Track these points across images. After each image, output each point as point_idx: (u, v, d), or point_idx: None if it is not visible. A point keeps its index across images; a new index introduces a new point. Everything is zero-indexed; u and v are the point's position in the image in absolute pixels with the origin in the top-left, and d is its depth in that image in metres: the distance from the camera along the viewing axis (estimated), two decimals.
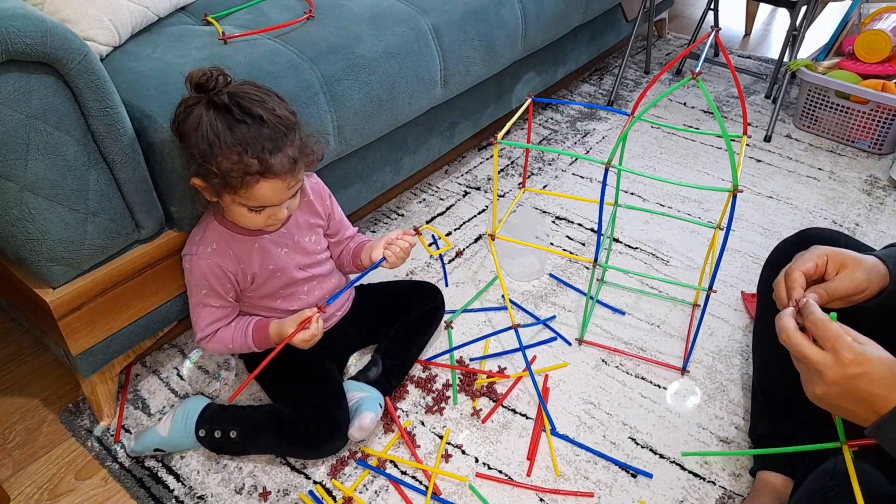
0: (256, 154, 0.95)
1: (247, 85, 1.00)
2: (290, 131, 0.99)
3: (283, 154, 0.97)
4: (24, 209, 0.91)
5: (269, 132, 0.96)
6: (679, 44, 2.63)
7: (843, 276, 0.80)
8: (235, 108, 0.95)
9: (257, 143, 0.95)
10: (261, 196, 0.99)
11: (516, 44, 1.66)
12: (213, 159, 0.95)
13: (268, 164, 0.95)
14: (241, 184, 0.96)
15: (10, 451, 1.19)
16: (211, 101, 0.96)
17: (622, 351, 1.35)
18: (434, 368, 1.32)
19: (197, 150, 0.95)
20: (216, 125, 0.94)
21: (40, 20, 0.84)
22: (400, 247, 1.12)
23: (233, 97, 0.95)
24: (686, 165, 1.92)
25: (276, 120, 0.97)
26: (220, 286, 1.09)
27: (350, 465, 1.15)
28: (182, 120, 0.98)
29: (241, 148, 0.94)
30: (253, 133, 0.95)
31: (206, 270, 1.07)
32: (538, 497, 1.10)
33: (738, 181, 1.02)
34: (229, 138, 0.94)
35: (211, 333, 1.12)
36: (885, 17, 2.05)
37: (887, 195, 1.79)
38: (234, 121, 0.95)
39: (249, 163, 0.94)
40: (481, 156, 1.95)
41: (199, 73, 0.96)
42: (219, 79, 0.96)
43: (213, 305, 1.10)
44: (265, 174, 0.96)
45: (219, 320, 1.12)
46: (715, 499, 1.10)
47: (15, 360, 1.36)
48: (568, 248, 1.62)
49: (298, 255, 1.16)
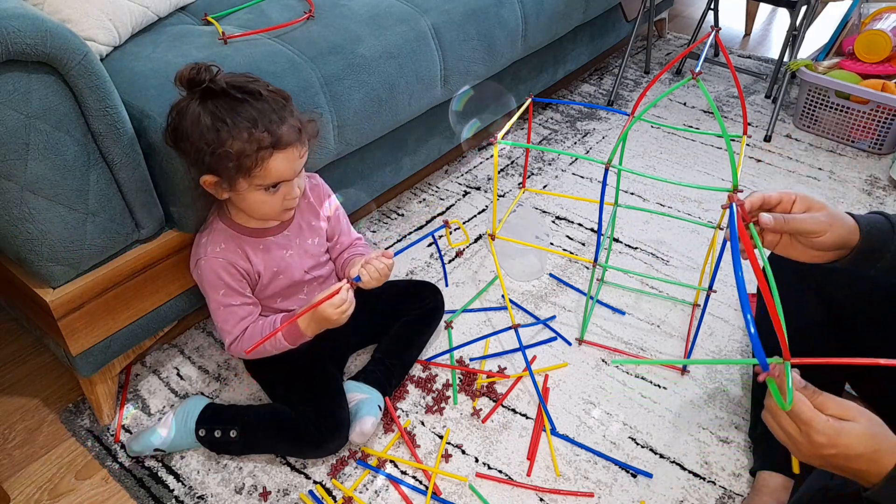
0: (266, 127, 0.96)
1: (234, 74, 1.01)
2: (288, 101, 1.01)
3: (288, 124, 0.99)
4: (24, 209, 0.91)
5: (270, 105, 0.98)
6: (679, 44, 2.63)
7: (806, 214, 0.80)
8: (232, 90, 0.96)
9: (264, 117, 0.96)
10: (276, 170, 0.99)
11: (516, 44, 1.66)
12: (224, 144, 0.95)
13: (278, 135, 0.97)
14: (255, 162, 0.97)
15: (10, 451, 1.20)
16: (205, 93, 0.96)
17: (622, 351, 1.35)
18: (434, 368, 1.32)
19: (204, 142, 0.96)
20: (218, 111, 0.95)
21: (40, 20, 0.84)
22: (376, 267, 1.06)
23: (226, 82, 0.97)
24: (686, 165, 1.92)
25: (272, 94, 0.99)
26: (236, 283, 1.09)
27: (350, 465, 1.15)
28: (177, 124, 0.98)
29: (249, 124, 0.95)
30: (256, 108, 0.96)
31: (219, 269, 1.07)
32: (538, 497, 1.10)
33: (738, 181, 1.02)
34: (236, 119, 0.95)
35: (239, 334, 1.10)
36: (885, 17, 2.05)
37: (887, 195, 1.79)
38: (235, 102, 0.96)
39: (261, 137, 0.96)
40: (481, 156, 1.95)
41: (188, 69, 0.97)
42: (209, 69, 0.97)
43: (234, 304, 1.09)
44: (277, 145, 0.97)
45: (245, 319, 1.10)
46: (715, 499, 1.10)
47: (15, 360, 1.37)
48: (568, 248, 1.62)
49: (302, 257, 1.16)
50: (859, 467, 0.66)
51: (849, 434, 0.65)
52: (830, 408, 0.67)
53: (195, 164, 1.00)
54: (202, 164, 0.98)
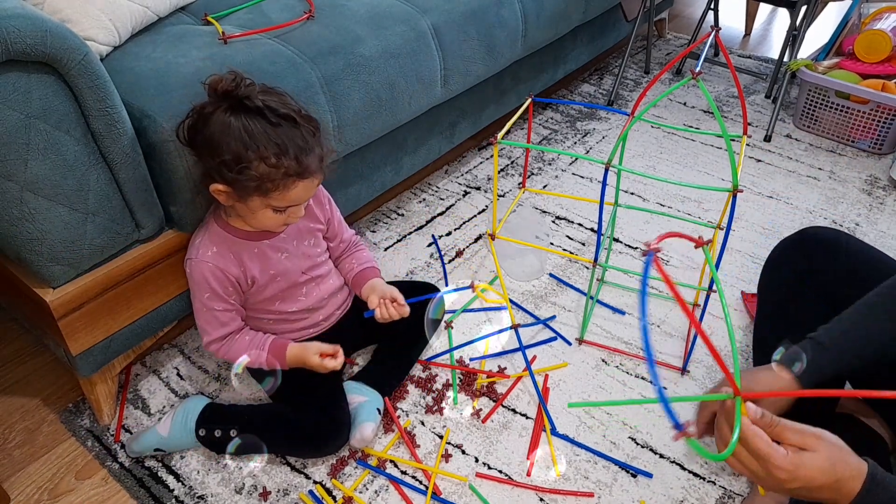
0: (295, 155, 0.96)
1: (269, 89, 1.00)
2: (318, 131, 1.02)
3: (315, 154, 0.99)
4: (24, 209, 0.91)
5: (302, 134, 0.98)
6: (679, 44, 2.63)
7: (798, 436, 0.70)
8: (268, 112, 0.95)
9: (295, 145, 0.96)
10: (295, 196, 1.00)
11: (516, 44, 1.66)
12: (250, 164, 0.94)
13: (305, 165, 0.97)
14: (278, 186, 0.97)
15: (10, 451, 1.20)
16: (237, 106, 0.95)
17: (622, 351, 1.35)
18: (434, 368, 1.32)
19: (229, 154, 0.94)
20: (251, 129, 0.95)
21: (40, 20, 0.84)
22: (390, 314, 1.14)
23: (263, 101, 0.96)
24: (686, 165, 1.92)
25: (305, 121, 0.99)
26: (223, 289, 1.09)
27: (350, 465, 1.15)
28: (198, 126, 0.97)
29: (279, 150, 0.95)
30: (289, 135, 0.96)
31: (208, 273, 1.07)
32: (538, 497, 1.10)
33: (738, 181, 1.02)
34: (268, 142, 0.95)
35: (218, 339, 1.11)
36: (885, 17, 2.05)
37: (887, 195, 1.79)
38: (268, 124, 0.95)
39: (289, 165, 0.96)
40: (481, 156, 1.95)
41: (228, 80, 0.95)
42: (247, 85, 0.97)
43: (217, 309, 1.10)
44: (302, 175, 0.98)
45: (226, 325, 1.11)
46: (715, 499, 1.10)
47: (15, 360, 1.37)
48: (568, 248, 1.62)
49: (299, 259, 1.16)
50: (823, 496, 0.66)
51: (809, 467, 0.65)
52: (789, 437, 0.67)
53: (212, 171, 0.98)
54: (220, 175, 0.97)
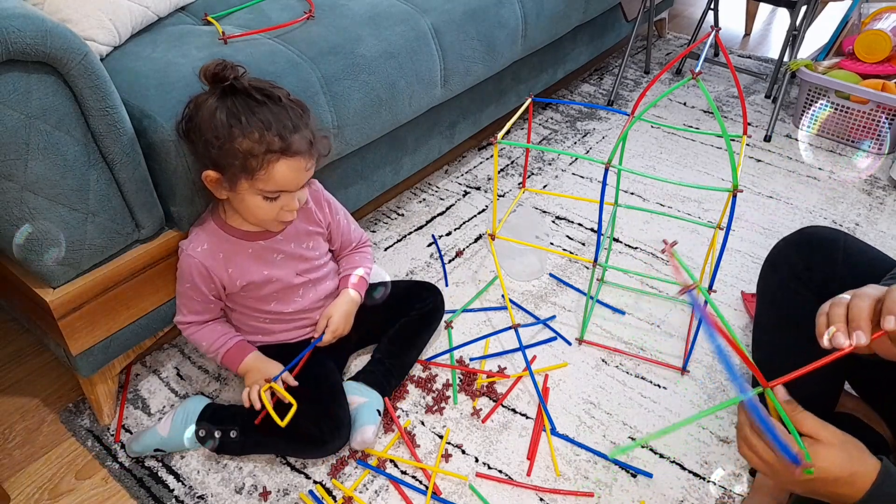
0: (278, 131, 0.97)
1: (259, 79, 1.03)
2: (305, 114, 1.03)
3: (301, 134, 1.00)
4: (24, 209, 0.91)
5: (287, 112, 1.00)
6: (679, 44, 2.63)
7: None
8: (254, 91, 0.98)
9: (278, 122, 0.98)
10: (280, 177, 1.00)
11: (516, 44, 1.66)
12: (234, 141, 0.96)
13: (288, 142, 0.98)
14: (261, 164, 0.98)
15: (10, 451, 1.20)
16: (227, 90, 0.98)
17: (622, 351, 1.35)
18: (434, 368, 1.32)
19: (214, 135, 0.97)
20: (235, 108, 0.97)
21: (40, 20, 0.84)
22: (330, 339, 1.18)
23: (249, 82, 0.99)
24: (686, 165, 1.92)
25: (292, 102, 1.01)
26: (204, 285, 1.10)
27: (350, 465, 1.15)
28: (192, 115, 0.99)
29: (262, 126, 0.97)
30: (273, 112, 0.98)
31: (193, 269, 1.08)
32: (538, 497, 1.10)
33: (738, 181, 1.02)
34: (251, 118, 0.97)
35: (187, 324, 1.15)
36: (885, 17, 2.05)
37: (887, 195, 1.79)
38: (253, 102, 0.98)
39: (271, 140, 0.97)
40: (481, 156, 1.95)
41: (214, 64, 0.98)
42: (234, 68, 0.99)
43: (195, 300, 1.12)
44: (285, 152, 0.99)
45: (198, 314, 1.14)
46: (715, 499, 1.10)
47: (15, 360, 1.37)
48: (568, 247, 1.62)
49: (295, 261, 1.16)
50: (838, 490, 0.65)
51: (825, 458, 0.65)
52: (807, 425, 0.67)
53: (201, 156, 1.01)
54: (208, 157, 0.99)
